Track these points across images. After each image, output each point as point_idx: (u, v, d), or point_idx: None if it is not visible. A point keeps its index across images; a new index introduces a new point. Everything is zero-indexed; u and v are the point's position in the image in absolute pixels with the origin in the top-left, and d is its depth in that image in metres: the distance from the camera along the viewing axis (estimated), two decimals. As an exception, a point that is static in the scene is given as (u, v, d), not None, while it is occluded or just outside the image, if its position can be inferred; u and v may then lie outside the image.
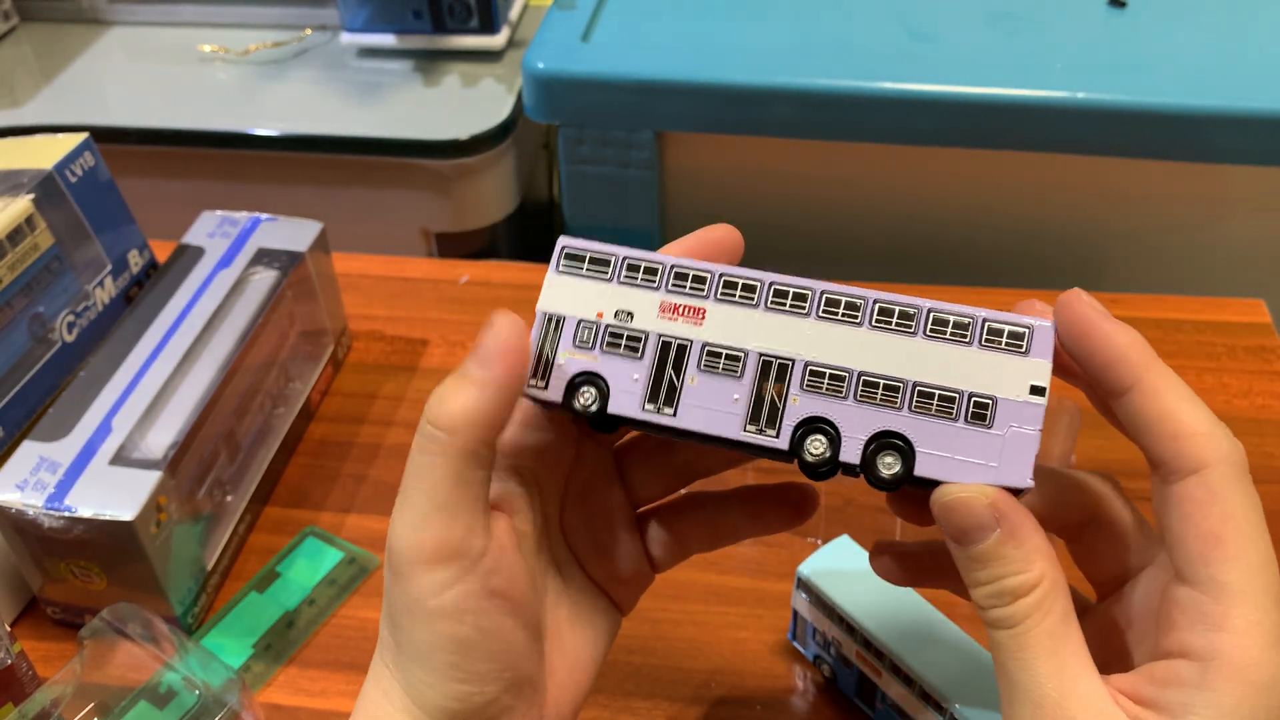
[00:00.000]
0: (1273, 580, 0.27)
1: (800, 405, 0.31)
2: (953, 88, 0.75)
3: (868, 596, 0.45)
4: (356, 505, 0.59)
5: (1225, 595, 0.27)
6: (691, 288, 0.32)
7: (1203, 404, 0.29)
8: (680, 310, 0.32)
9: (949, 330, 0.31)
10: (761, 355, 0.31)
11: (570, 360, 0.32)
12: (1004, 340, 0.31)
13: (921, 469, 0.30)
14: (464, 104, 0.93)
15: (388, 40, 0.98)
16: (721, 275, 0.32)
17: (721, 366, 0.31)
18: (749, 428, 0.31)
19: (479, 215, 0.95)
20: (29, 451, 0.50)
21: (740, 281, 0.32)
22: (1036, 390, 0.30)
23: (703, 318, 0.32)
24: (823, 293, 0.31)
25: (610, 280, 0.33)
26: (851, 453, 0.30)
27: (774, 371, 0.31)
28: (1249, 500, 0.28)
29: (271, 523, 0.59)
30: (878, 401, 0.30)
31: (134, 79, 1.00)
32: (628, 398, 0.32)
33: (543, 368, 0.32)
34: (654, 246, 0.33)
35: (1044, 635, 0.28)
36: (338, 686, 0.51)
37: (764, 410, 0.31)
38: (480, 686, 0.31)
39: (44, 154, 0.58)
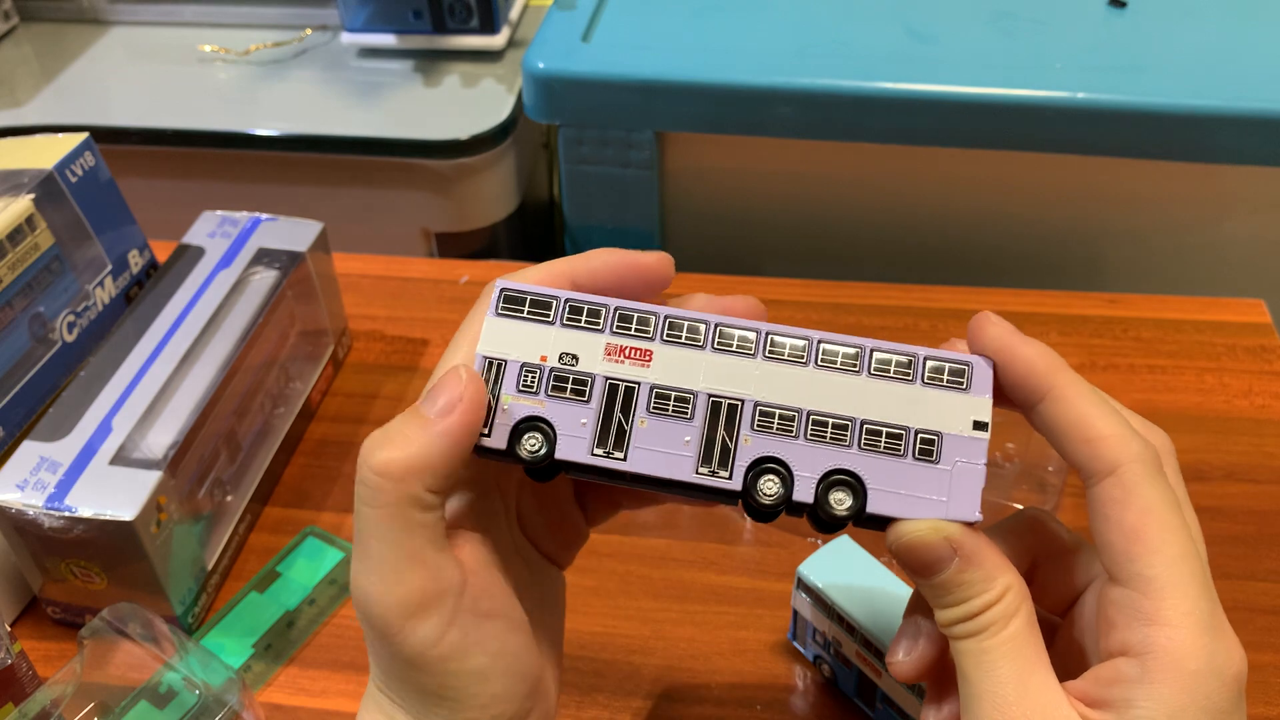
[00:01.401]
0: (1197, 568, 0.28)
1: (752, 445, 0.31)
2: (953, 88, 0.75)
3: (868, 596, 0.45)
4: (357, 505, 0.59)
5: (1153, 589, 0.28)
6: (637, 330, 0.31)
7: (1113, 408, 0.30)
8: (626, 352, 0.31)
9: (892, 369, 0.31)
10: (711, 396, 0.31)
11: (515, 405, 0.31)
12: (945, 377, 0.31)
13: (874, 506, 0.30)
14: (464, 104, 0.93)
15: (388, 40, 0.98)
16: (666, 317, 0.31)
17: (671, 408, 0.31)
18: (701, 469, 0.31)
19: (479, 215, 0.95)
20: (29, 451, 0.50)
21: (685, 323, 0.31)
22: (979, 425, 0.31)
23: (649, 359, 0.31)
24: (768, 334, 0.31)
25: (553, 323, 0.32)
26: (805, 492, 0.31)
27: (724, 412, 0.31)
28: (1164, 495, 0.29)
29: (272, 523, 0.59)
30: (828, 440, 0.31)
31: (134, 79, 1.00)
32: (576, 442, 0.31)
33: (487, 414, 0.31)
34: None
35: (1006, 640, 0.29)
36: (338, 686, 0.51)
37: (715, 451, 0.31)
38: (508, 704, 0.31)
39: (44, 154, 0.58)
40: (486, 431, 0.31)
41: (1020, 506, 0.53)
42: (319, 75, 0.98)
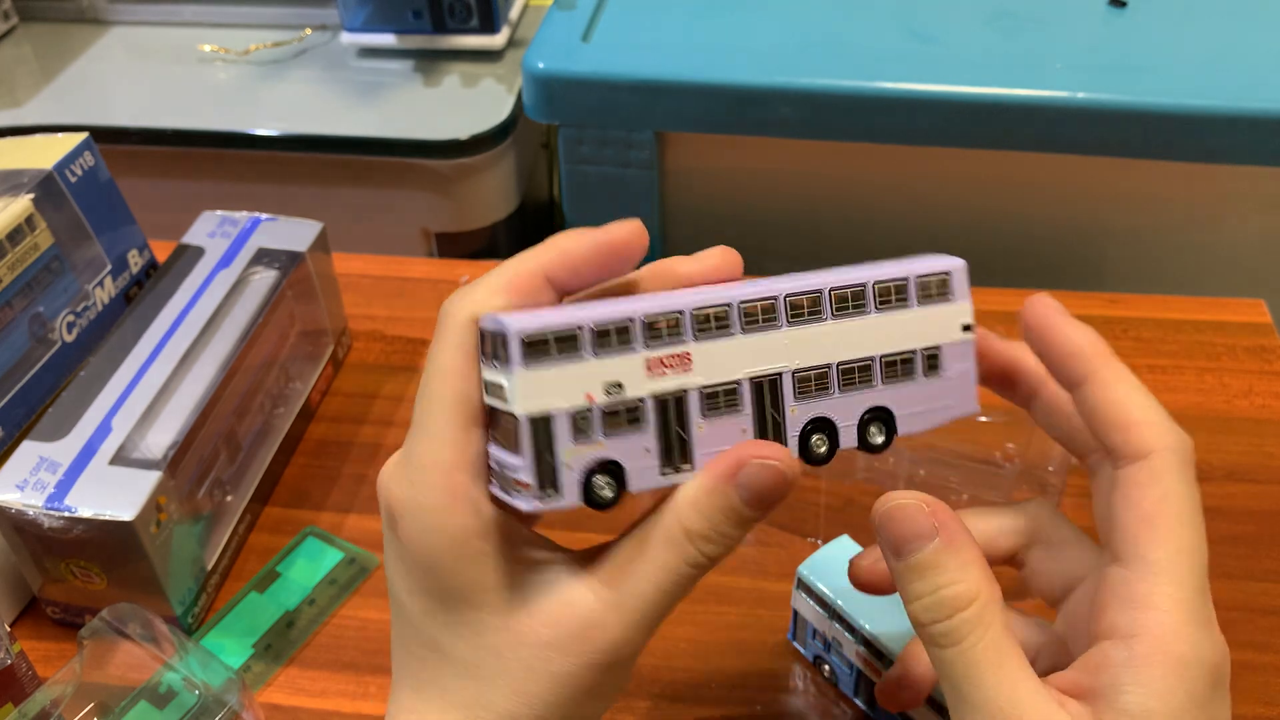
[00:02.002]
0: (1200, 563, 0.29)
1: (798, 413, 0.31)
2: (953, 88, 0.75)
3: (868, 597, 0.45)
4: (356, 505, 0.59)
5: (1151, 573, 0.28)
6: (669, 334, 0.30)
7: (1153, 398, 0.31)
8: (666, 362, 0.30)
9: (894, 298, 0.33)
10: (752, 380, 0.31)
11: (577, 458, 0.29)
12: (934, 291, 0.34)
13: (902, 429, 0.33)
14: (464, 104, 0.93)
15: (388, 40, 0.98)
16: (691, 312, 0.31)
17: (722, 405, 0.31)
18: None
19: (479, 215, 0.95)
20: (29, 451, 0.50)
21: (711, 312, 0.31)
22: (967, 328, 0.34)
23: (690, 362, 0.30)
24: (786, 297, 0.32)
25: (586, 357, 0.29)
26: (849, 439, 0.32)
27: (767, 390, 0.31)
28: (1188, 488, 0.29)
29: (271, 523, 0.58)
30: (857, 385, 0.32)
31: (134, 79, 1.00)
32: (646, 471, 0.30)
33: (548, 477, 0.28)
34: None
35: (990, 649, 0.28)
36: (338, 687, 0.51)
37: (769, 431, 0.31)
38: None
39: (44, 154, 0.58)
40: (557, 492, 0.29)
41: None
42: (319, 75, 0.98)
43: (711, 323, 0.31)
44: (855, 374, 0.32)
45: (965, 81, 0.75)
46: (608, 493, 0.29)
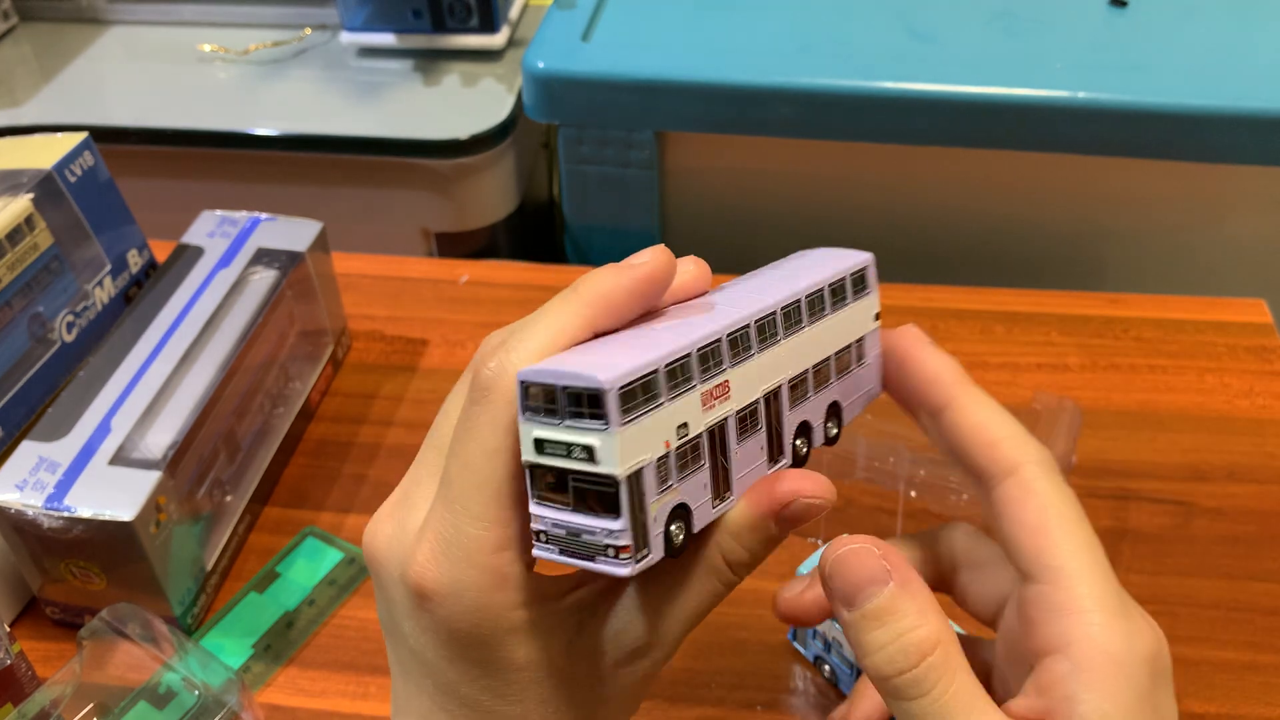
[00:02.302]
0: (1100, 556, 0.29)
1: (792, 420, 0.32)
2: (953, 87, 0.75)
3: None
4: (356, 505, 0.59)
5: (1063, 579, 0.29)
6: (714, 365, 0.29)
7: (1011, 417, 0.32)
8: (715, 394, 0.29)
9: (840, 297, 0.34)
10: (765, 395, 0.31)
11: (660, 509, 0.27)
12: (859, 286, 0.35)
13: (845, 417, 0.34)
14: (464, 104, 0.93)
15: (387, 40, 0.98)
16: (726, 337, 0.29)
17: (749, 426, 0.30)
18: (770, 464, 0.31)
19: (479, 215, 0.95)
20: (28, 451, 0.50)
21: (739, 335, 0.30)
22: (877, 316, 0.36)
23: (729, 391, 0.30)
24: (782, 307, 0.32)
25: (663, 402, 0.27)
26: (819, 437, 0.33)
27: (773, 403, 0.31)
28: (1062, 491, 0.30)
29: (271, 523, 0.58)
30: (824, 384, 0.33)
31: (134, 78, 1.00)
32: (703, 508, 0.28)
33: (641, 536, 0.26)
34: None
35: (960, 694, 0.27)
36: (337, 687, 0.51)
37: (775, 442, 0.31)
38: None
39: (43, 153, 0.58)
40: (648, 551, 0.27)
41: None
42: (318, 75, 0.98)
43: (739, 345, 0.30)
44: (822, 374, 0.33)
45: (965, 81, 0.75)
46: (681, 538, 0.28)
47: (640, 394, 0.26)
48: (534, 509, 0.27)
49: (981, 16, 0.84)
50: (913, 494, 0.55)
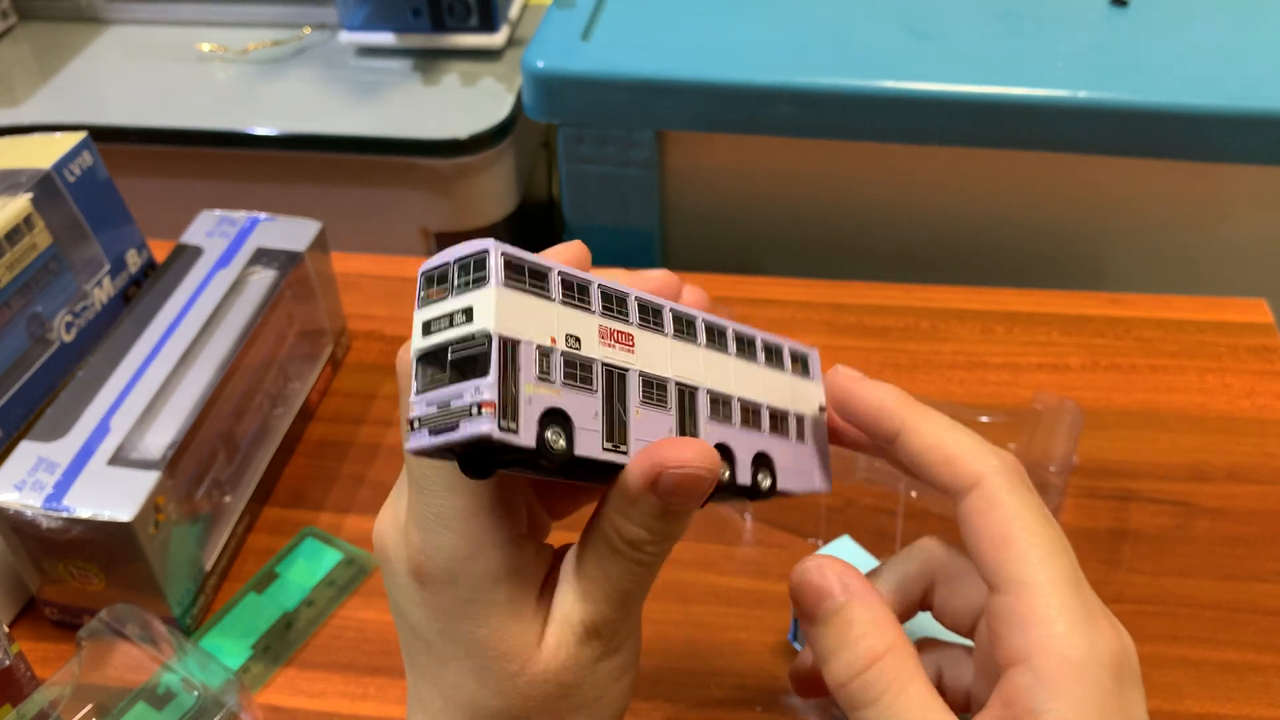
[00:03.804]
0: (1066, 564, 0.29)
1: (710, 433, 0.31)
2: (953, 87, 0.75)
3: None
4: (355, 506, 0.59)
5: (1026, 590, 0.29)
6: (618, 311, 0.30)
7: (966, 431, 0.32)
8: (615, 336, 0.29)
9: (774, 357, 0.35)
10: (678, 384, 0.31)
11: (535, 396, 0.26)
12: (799, 367, 0.36)
13: (781, 484, 0.33)
14: (463, 103, 0.93)
15: (387, 39, 0.98)
16: (637, 299, 0.30)
17: (655, 397, 0.30)
18: None
19: (479, 214, 0.95)
20: (27, 451, 0.50)
21: (651, 307, 0.31)
22: (822, 408, 0.36)
23: (633, 345, 0.30)
24: (702, 320, 0.32)
25: (553, 300, 0.28)
26: (744, 475, 0.32)
27: (687, 400, 0.31)
28: (1025, 500, 0.30)
29: (270, 523, 0.58)
30: (751, 424, 0.32)
31: (133, 78, 1.00)
32: (591, 437, 0.28)
33: (510, 405, 0.26)
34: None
35: (912, 702, 0.29)
36: (337, 688, 0.51)
37: (684, 433, 0.31)
38: None
39: (42, 153, 0.58)
40: (514, 426, 0.26)
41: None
42: (318, 74, 0.98)
43: (650, 315, 0.31)
44: (749, 413, 0.33)
45: (966, 80, 0.75)
46: (561, 443, 0.27)
47: (528, 276, 0.27)
48: (413, 400, 0.27)
49: (982, 16, 0.84)
50: (913, 494, 0.55)
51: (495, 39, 0.96)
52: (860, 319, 0.69)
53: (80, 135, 0.60)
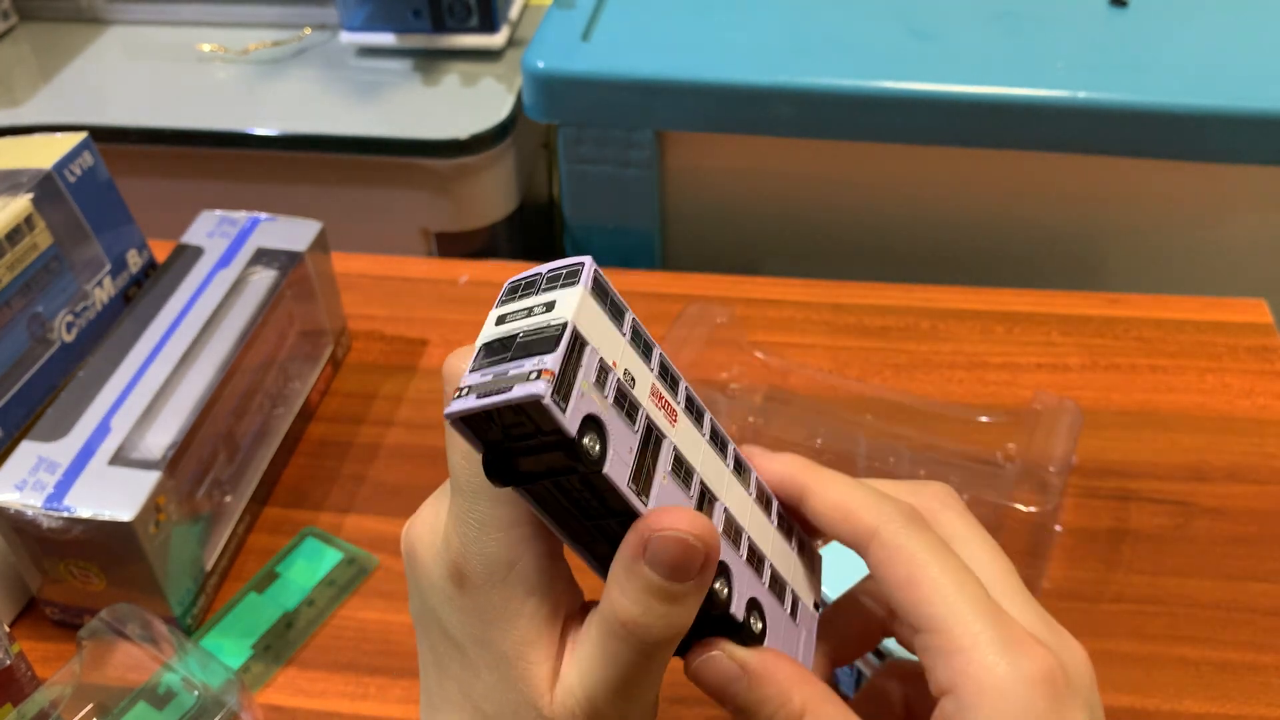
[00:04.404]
0: (974, 592, 0.30)
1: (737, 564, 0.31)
2: (953, 87, 0.75)
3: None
4: (356, 505, 0.59)
5: (942, 625, 0.29)
6: (670, 384, 0.30)
7: (865, 486, 0.33)
8: (662, 401, 0.29)
9: (785, 526, 0.34)
10: (702, 482, 0.30)
11: (586, 396, 0.26)
12: (809, 561, 0.36)
13: (769, 642, 0.32)
14: (464, 103, 0.93)
15: (387, 39, 0.98)
16: (685, 385, 0.31)
17: (682, 476, 0.30)
18: None
19: (479, 215, 0.95)
20: (28, 451, 0.50)
21: (696, 403, 0.31)
22: (819, 606, 0.35)
23: (675, 420, 0.30)
24: (734, 450, 0.33)
25: (624, 335, 0.29)
26: (738, 609, 0.31)
27: (705, 503, 0.31)
28: (924, 541, 0.31)
29: (270, 523, 0.58)
30: (754, 568, 0.32)
31: (133, 78, 1.00)
32: (621, 466, 0.27)
33: (565, 387, 0.26)
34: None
35: None
36: (337, 687, 0.51)
37: None
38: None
39: (43, 153, 0.58)
40: (563, 405, 0.25)
41: (1022, 507, 0.53)
42: (318, 74, 0.98)
43: (694, 410, 0.31)
44: (755, 558, 0.32)
45: (966, 81, 0.75)
46: (596, 449, 0.26)
47: (609, 304, 0.28)
48: (466, 379, 0.27)
49: (982, 16, 0.84)
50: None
51: (495, 39, 0.96)
52: (860, 319, 0.69)
53: (81, 135, 0.60)
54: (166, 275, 0.60)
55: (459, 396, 0.26)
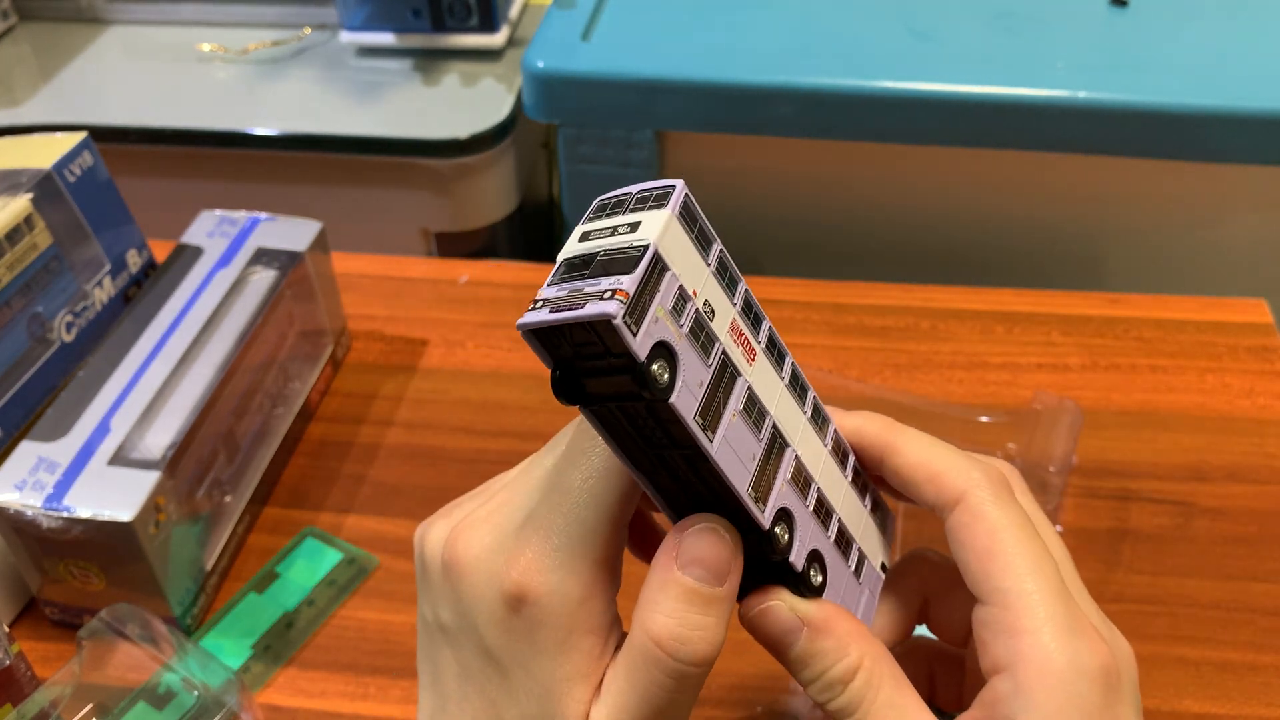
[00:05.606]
0: (1050, 575, 0.29)
1: (783, 494, 0.30)
2: (954, 87, 0.75)
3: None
4: (356, 505, 0.59)
5: (1011, 600, 0.29)
6: (752, 322, 0.29)
7: (949, 447, 0.32)
8: (741, 339, 0.29)
9: (859, 481, 0.34)
10: (775, 426, 0.30)
11: (660, 322, 0.26)
12: (881, 518, 0.35)
13: (827, 594, 0.32)
14: (464, 103, 0.93)
15: (387, 39, 0.98)
16: (768, 325, 0.30)
17: (754, 417, 0.29)
18: (751, 490, 0.29)
19: (479, 215, 0.95)
20: (27, 451, 0.50)
21: (778, 344, 0.30)
22: (884, 568, 0.35)
23: (754, 359, 0.29)
24: (813, 396, 0.32)
25: (708, 264, 0.28)
26: (798, 559, 0.31)
27: (777, 449, 0.30)
28: (1009, 513, 0.30)
29: (270, 523, 0.58)
30: (820, 520, 0.32)
31: (133, 78, 1.00)
32: (689, 398, 0.26)
33: (638, 310, 0.25)
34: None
35: (884, 708, 0.29)
36: (337, 687, 0.51)
37: (763, 479, 0.30)
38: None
39: (43, 153, 0.58)
40: (635, 327, 0.25)
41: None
42: (318, 74, 0.98)
43: (775, 351, 0.30)
44: (822, 509, 0.32)
45: (966, 81, 0.75)
46: (665, 377, 0.26)
47: (697, 232, 0.28)
48: (543, 292, 0.26)
49: (982, 16, 0.84)
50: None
51: (495, 39, 0.97)
52: (860, 319, 0.69)
53: (80, 135, 0.60)
54: (166, 275, 0.60)
55: (533, 309, 0.26)
